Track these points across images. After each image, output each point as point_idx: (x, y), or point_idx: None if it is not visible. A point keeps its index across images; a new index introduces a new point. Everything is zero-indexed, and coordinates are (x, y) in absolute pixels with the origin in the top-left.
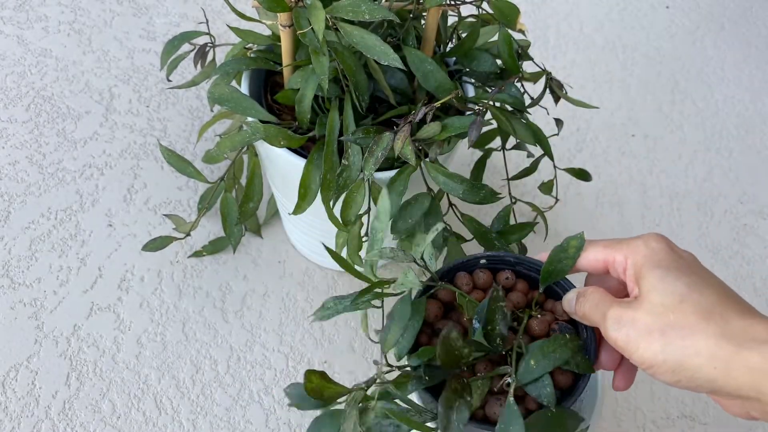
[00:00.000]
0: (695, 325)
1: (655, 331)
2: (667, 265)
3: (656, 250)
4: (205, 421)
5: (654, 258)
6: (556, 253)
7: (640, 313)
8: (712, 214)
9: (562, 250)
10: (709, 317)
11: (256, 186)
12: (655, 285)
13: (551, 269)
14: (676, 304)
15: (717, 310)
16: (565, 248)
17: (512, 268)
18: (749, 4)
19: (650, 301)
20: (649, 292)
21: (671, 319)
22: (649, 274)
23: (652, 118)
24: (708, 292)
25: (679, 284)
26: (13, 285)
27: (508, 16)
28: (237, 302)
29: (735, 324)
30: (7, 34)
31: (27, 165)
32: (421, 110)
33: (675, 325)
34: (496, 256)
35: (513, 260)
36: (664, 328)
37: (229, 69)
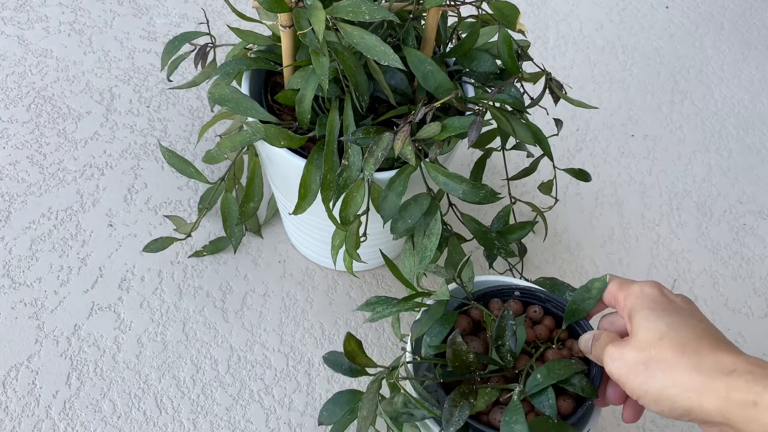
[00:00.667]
0: (671, 359)
1: (639, 365)
2: (654, 306)
3: (648, 294)
4: (206, 420)
5: (645, 300)
6: (580, 294)
7: (627, 349)
8: (711, 214)
9: (586, 291)
10: (683, 352)
11: (257, 186)
12: (641, 324)
13: (574, 308)
14: (656, 341)
15: (691, 345)
16: (589, 289)
17: (542, 304)
18: (749, 4)
19: (637, 338)
20: (637, 330)
21: (652, 354)
22: (638, 314)
23: (652, 119)
24: (685, 330)
25: (660, 323)
26: (14, 285)
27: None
28: (237, 302)
29: (706, 358)
30: (8, 34)
31: (28, 165)
32: (421, 110)
33: (655, 359)
34: (529, 291)
35: (543, 297)
36: (647, 362)
37: (229, 69)
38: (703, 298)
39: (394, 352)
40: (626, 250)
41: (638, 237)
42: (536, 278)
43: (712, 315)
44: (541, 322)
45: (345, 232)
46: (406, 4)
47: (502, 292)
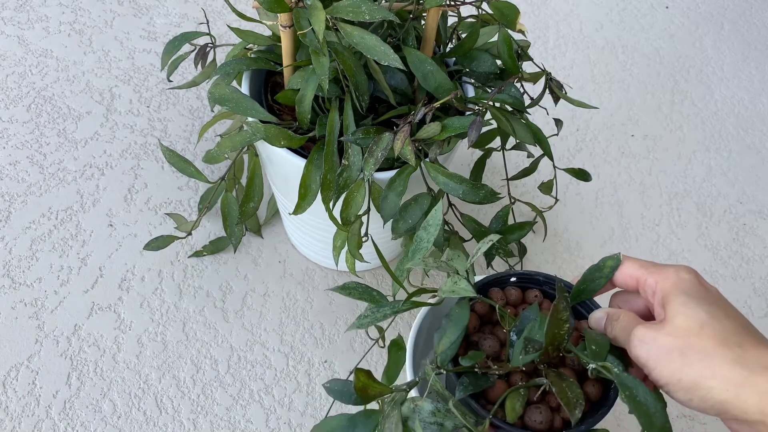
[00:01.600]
0: (713, 350)
1: (674, 351)
2: (692, 293)
3: (685, 280)
4: (206, 420)
5: (682, 286)
6: (591, 272)
7: (662, 333)
8: (711, 214)
9: (597, 270)
10: (726, 344)
11: (257, 186)
12: (678, 310)
13: (584, 288)
14: (696, 329)
15: (734, 338)
16: (601, 268)
17: (540, 288)
18: (749, 4)
19: (673, 324)
20: (673, 316)
21: (691, 342)
22: (675, 299)
23: (652, 119)
24: (727, 322)
25: (701, 311)
26: (14, 285)
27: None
28: (237, 302)
29: (750, 352)
30: (8, 34)
31: (28, 165)
32: (421, 111)
33: (694, 347)
34: (526, 275)
35: (542, 279)
36: (684, 350)
37: (229, 69)
38: None
39: None
40: (626, 250)
41: (638, 237)
42: None
43: None
44: (542, 307)
45: (347, 232)
46: (406, 4)
47: (498, 281)
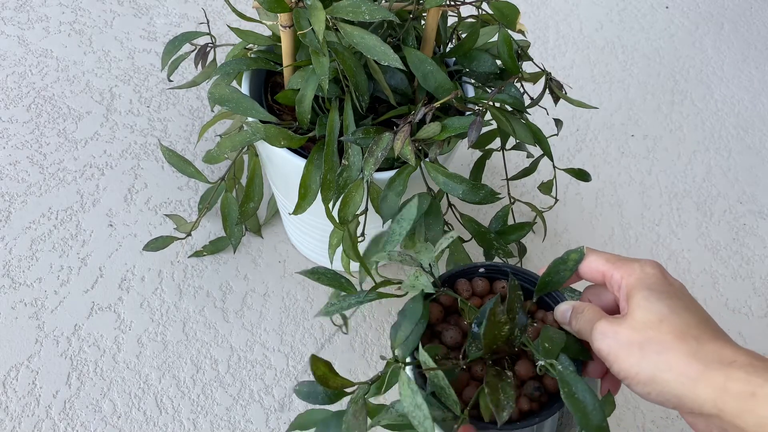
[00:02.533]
0: (670, 343)
1: (634, 345)
2: (654, 288)
3: (649, 274)
4: (206, 420)
5: (645, 281)
6: (556, 265)
7: (623, 327)
8: (711, 213)
9: (562, 262)
10: (683, 338)
11: (257, 186)
12: (639, 304)
13: (549, 280)
14: (655, 323)
15: (692, 332)
16: (565, 260)
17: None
18: (749, 4)
19: (633, 318)
20: (634, 310)
21: (650, 335)
22: (638, 294)
23: (652, 119)
24: (686, 316)
25: (661, 305)
26: (14, 285)
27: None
28: (237, 302)
29: (706, 346)
30: (8, 34)
31: (28, 165)
32: (421, 111)
33: (652, 341)
34: (494, 266)
35: (509, 271)
36: (643, 343)
37: (229, 69)
38: (703, 298)
39: None
40: (626, 250)
41: (638, 237)
42: None
43: (712, 315)
44: None
45: (343, 231)
46: (406, 4)
47: (466, 272)
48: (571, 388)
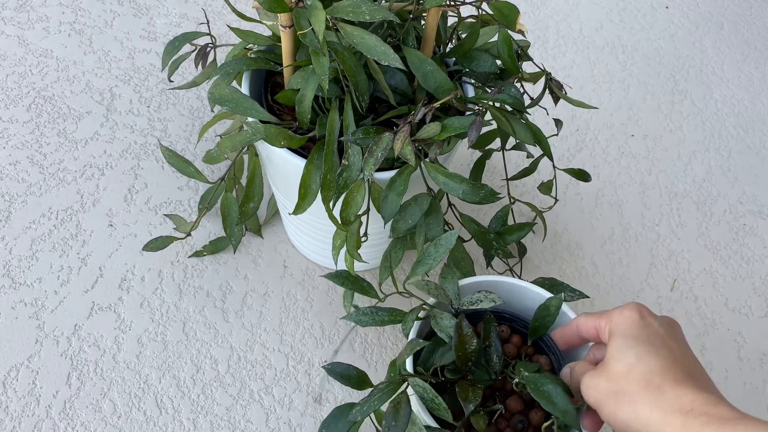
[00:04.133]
0: (636, 394)
1: (610, 395)
2: (629, 334)
3: (626, 319)
4: (206, 420)
5: (622, 326)
6: (540, 312)
7: (601, 379)
8: (711, 213)
9: (545, 309)
10: (647, 387)
11: (257, 186)
12: (613, 354)
13: (537, 325)
14: (624, 373)
15: (655, 380)
16: (548, 307)
17: (509, 324)
18: (749, 4)
19: (607, 369)
20: (609, 360)
21: (621, 386)
22: (613, 342)
23: (652, 119)
24: (652, 363)
25: (630, 354)
26: (14, 285)
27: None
28: (237, 302)
29: (668, 393)
30: (8, 34)
31: (28, 165)
32: (421, 111)
33: (623, 391)
34: (496, 312)
35: (508, 316)
36: (617, 393)
37: (229, 69)
38: (703, 298)
39: (393, 351)
40: (626, 250)
41: (638, 237)
42: (535, 278)
43: (712, 315)
44: (509, 341)
45: (346, 232)
46: (406, 4)
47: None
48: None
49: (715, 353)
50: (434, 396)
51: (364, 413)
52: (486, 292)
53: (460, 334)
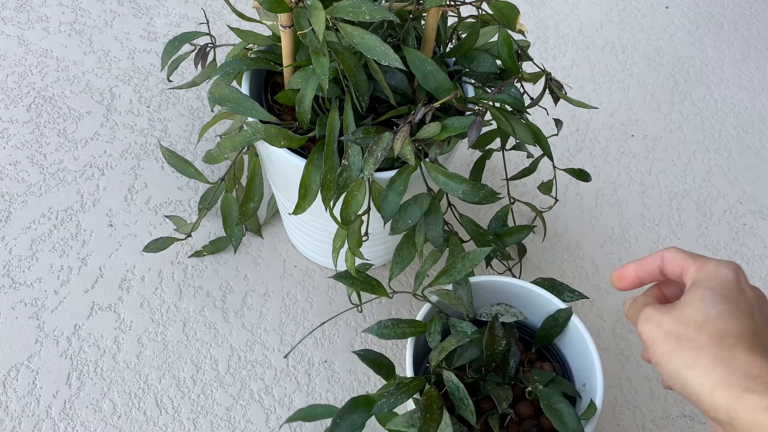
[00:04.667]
0: (705, 345)
1: (671, 335)
2: (718, 290)
3: (721, 275)
4: (206, 420)
5: (714, 280)
6: (549, 322)
7: (667, 317)
8: (711, 214)
9: (553, 319)
10: (719, 343)
11: (257, 186)
12: (693, 301)
13: (543, 334)
14: (699, 323)
15: (729, 340)
16: (556, 318)
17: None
18: (749, 4)
19: (681, 312)
20: (685, 305)
21: (689, 331)
22: (698, 290)
23: (652, 119)
24: (732, 323)
25: (712, 308)
26: (14, 285)
27: (507, 16)
28: (237, 302)
29: (738, 356)
30: (8, 34)
31: (28, 165)
32: (421, 111)
33: (689, 337)
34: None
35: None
36: (680, 336)
37: (229, 69)
38: None
39: (394, 351)
40: (626, 250)
41: (638, 237)
42: (535, 278)
43: None
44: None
45: (347, 231)
46: (406, 4)
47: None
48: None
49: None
50: (465, 396)
51: (390, 405)
52: (506, 305)
53: (493, 334)
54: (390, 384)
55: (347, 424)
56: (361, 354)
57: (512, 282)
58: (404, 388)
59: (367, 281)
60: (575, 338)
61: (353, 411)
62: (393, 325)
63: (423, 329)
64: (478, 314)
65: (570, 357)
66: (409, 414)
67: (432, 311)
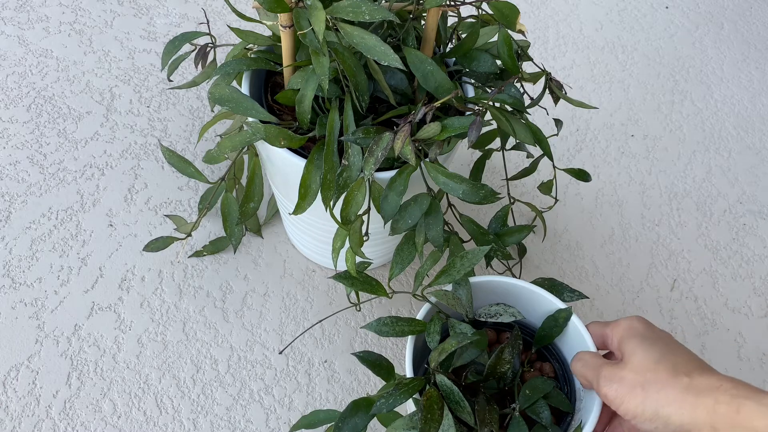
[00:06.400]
0: (667, 381)
1: (637, 386)
2: (644, 335)
3: (636, 325)
4: (206, 420)
5: (633, 330)
6: (548, 322)
7: (625, 371)
8: (711, 213)
9: (553, 320)
10: (677, 375)
11: (257, 186)
12: (635, 350)
13: (543, 334)
14: (652, 365)
15: (683, 369)
16: (556, 318)
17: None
18: (749, 4)
19: (632, 362)
20: (631, 356)
21: (649, 376)
22: (630, 342)
23: (652, 119)
24: (675, 357)
25: (654, 349)
26: (14, 285)
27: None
28: (237, 302)
29: (696, 379)
30: (8, 34)
31: (28, 165)
32: (422, 110)
33: (652, 381)
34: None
35: (513, 324)
36: (644, 384)
37: (229, 69)
38: (703, 298)
39: (394, 351)
40: (626, 250)
41: (638, 237)
42: (535, 278)
43: (712, 315)
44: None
45: (348, 231)
46: (406, 4)
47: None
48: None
49: (715, 353)
50: (460, 399)
51: (389, 406)
52: (504, 305)
53: (500, 357)
54: (389, 385)
55: (349, 427)
56: (361, 356)
57: (512, 282)
58: (403, 388)
59: (366, 281)
60: (575, 338)
61: (355, 414)
62: (392, 322)
63: (422, 328)
64: (477, 314)
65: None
66: (409, 416)
67: (431, 311)
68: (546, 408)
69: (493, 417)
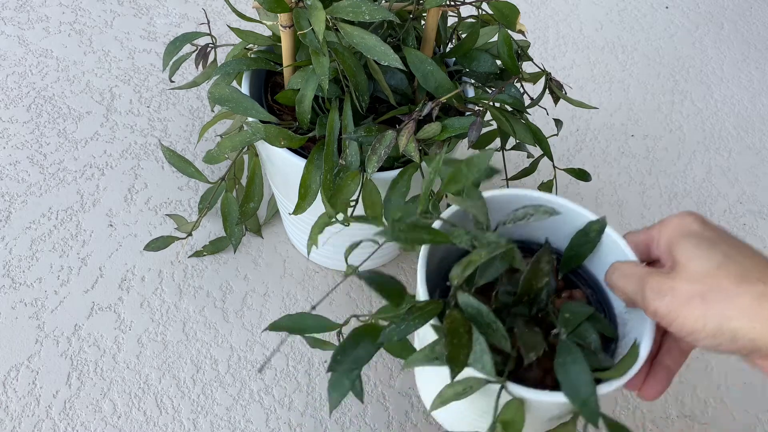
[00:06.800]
0: (733, 289)
1: (695, 298)
2: (701, 235)
3: (689, 222)
4: (206, 420)
5: (687, 229)
6: (578, 238)
7: (678, 281)
8: (711, 214)
9: (584, 234)
10: (747, 281)
11: (257, 186)
12: (690, 253)
13: (572, 254)
14: (713, 271)
15: (753, 274)
16: (587, 232)
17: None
18: (749, 4)
19: (687, 270)
20: (687, 261)
21: (710, 284)
22: (684, 243)
23: (652, 119)
24: (743, 259)
25: (715, 252)
26: (14, 285)
27: (507, 16)
28: (237, 302)
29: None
30: (8, 34)
31: (28, 165)
32: (428, 105)
33: (715, 289)
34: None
35: (536, 249)
36: (704, 294)
37: (229, 69)
38: None
39: None
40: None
41: None
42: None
43: None
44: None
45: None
46: (406, 4)
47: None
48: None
49: (715, 353)
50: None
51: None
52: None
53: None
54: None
55: (351, 359)
56: (367, 276)
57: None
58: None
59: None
60: (611, 255)
61: (357, 344)
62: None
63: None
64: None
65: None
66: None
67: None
68: (593, 331)
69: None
